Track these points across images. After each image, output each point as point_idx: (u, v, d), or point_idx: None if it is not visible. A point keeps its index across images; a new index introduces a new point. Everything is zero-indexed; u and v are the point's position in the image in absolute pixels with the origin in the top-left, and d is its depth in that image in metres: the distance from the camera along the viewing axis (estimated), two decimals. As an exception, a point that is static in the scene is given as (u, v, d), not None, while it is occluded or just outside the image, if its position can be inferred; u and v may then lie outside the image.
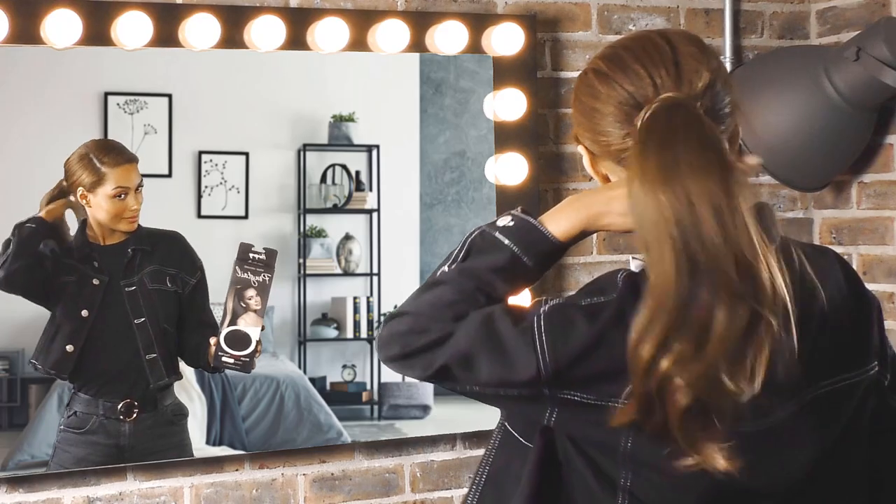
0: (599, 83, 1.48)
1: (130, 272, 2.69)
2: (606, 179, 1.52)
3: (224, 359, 2.67)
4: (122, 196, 2.67)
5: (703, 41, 1.51)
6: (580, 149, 1.54)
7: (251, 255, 2.67)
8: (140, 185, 2.69)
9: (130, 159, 2.69)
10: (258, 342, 2.68)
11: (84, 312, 2.65)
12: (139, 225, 2.71)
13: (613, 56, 1.49)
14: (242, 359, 2.67)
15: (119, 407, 2.66)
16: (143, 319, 2.68)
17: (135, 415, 2.67)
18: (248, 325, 2.67)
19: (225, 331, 2.67)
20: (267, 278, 2.67)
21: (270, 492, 2.82)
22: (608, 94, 1.46)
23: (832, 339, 1.47)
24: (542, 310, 1.41)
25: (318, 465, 2.86)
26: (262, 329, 2.70)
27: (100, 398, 2.65)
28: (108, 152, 2.68)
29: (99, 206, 2.66)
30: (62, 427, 2.65)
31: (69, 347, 2.64)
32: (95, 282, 2.66)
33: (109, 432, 2.66)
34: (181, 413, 2.75)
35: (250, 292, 2.67)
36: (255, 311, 2.67)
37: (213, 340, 2.67)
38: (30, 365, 2.66)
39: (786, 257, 1.45)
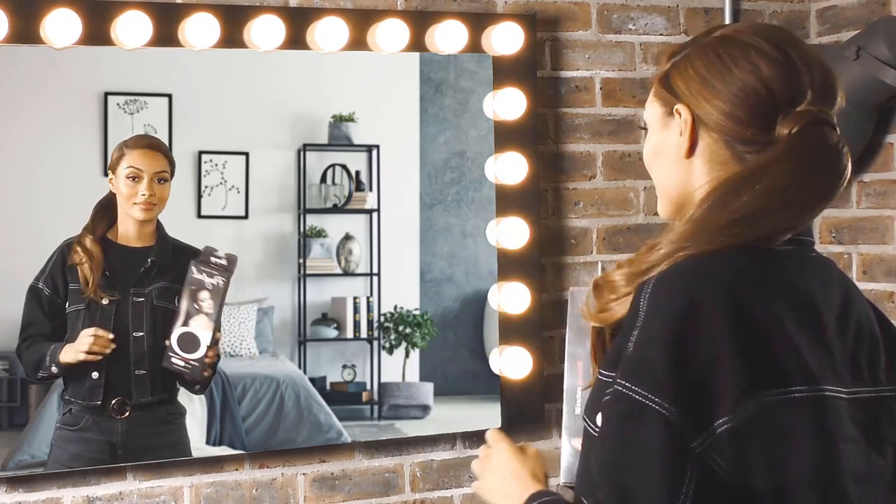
0: (761, 60, 1.45)
1: (143, 283, 2.69)
2: (691, 151, 1.49)
3: (173, 360, 2.64)
4: (136, 179, 2.66)
5: None
6: (682, 109, 1.49)
7: (212, 258, 2.64)
8: (162, 178, 2.69)
9: (151, 145, 2.70)
10: (211, 347, 2.64)
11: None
12: (169, 236, 2.71)
13: (779, 42, 1.47)
14: (192, 362, 2.63)
15: (112, 404, 2.65)
16: (141, 334, 2.67)
17: (127, 412, 2.66)
18: (199, 327, 2.63)
19: (176, 332, 2.64)
20: (221, 282, 2.63)
21: (270, 491, 2.81)
22: (768, 75, 1.45)
23: (868, 347, 1.48)
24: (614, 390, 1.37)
25: (318, 465, 2.86)
26: (218, 336, 2.65)
27: (90, 400, 2.65)
28: (135, 137, 2.70)
29: (119, 189, 2.67)
30: (58, 424, 2.65)
31: (94, 374, 2.64)
32: (105, 301, 2.65)
33: (103, 429, 2.65)
34: (178, 412, 2.74)
35: (203, 294, 2.63)
36: (206, 314, 2.63)
37: (167, 342, 2.66)
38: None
39: (822, 259, 1.49)
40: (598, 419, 1.41)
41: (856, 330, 1.47)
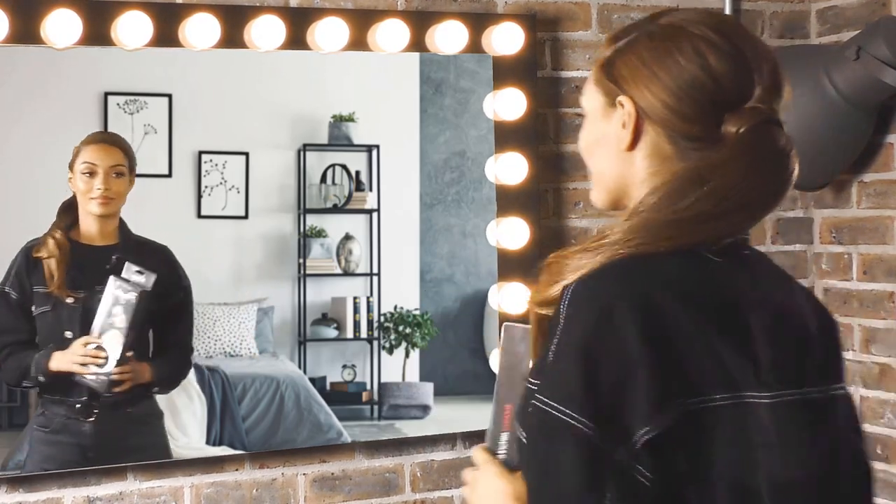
0: (710, 53, 1.40)
1: (105, 281, 2.66)
2: (634, 144, 1.44)
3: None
4: (91, 174, 2.64)
5: None
6: (625, 101, 1.43)
7: (133, 274, 2.61)
8: (118, 172, 2.65)
9: (105, 140, 2.67)
10: (121, 364, 2.60)
11: (68, 334, 2.62)
12: (133, 233, 2.69)
13: (729, 33, 1.42)
14: (101, 377, 2.60)
15: (77, 406, 2.63)
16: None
17: (95, 415, 2.64)
18: (111, 341, 2.60)
19: (91, 345, 2.62)
20: (134, 298, 2.60)
21: (270, 491, 2.81)
22: (717, 69, 1.39)
23: (798, 347, 1.43)
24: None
25: (318, 465, 2.86)
26: (129, 355, 2.61)
27: (63, 398, 2.63)
28: (92, 133, 2.68)
29: (77, 186, 2.65)
30: (34, 426, 2.63)
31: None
32: (70, 300, 2.63)
33: (72, 432, 2.63)
34: (152, 414, 2.72)
35: (117, 309, 2.60)
36: (118, 328, 2.60)
37: None
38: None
39: (758, 258, 1.46)
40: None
41: (790, 329, 1.42)
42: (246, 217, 2.90)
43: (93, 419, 2.63)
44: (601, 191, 1.51)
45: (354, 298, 3.01)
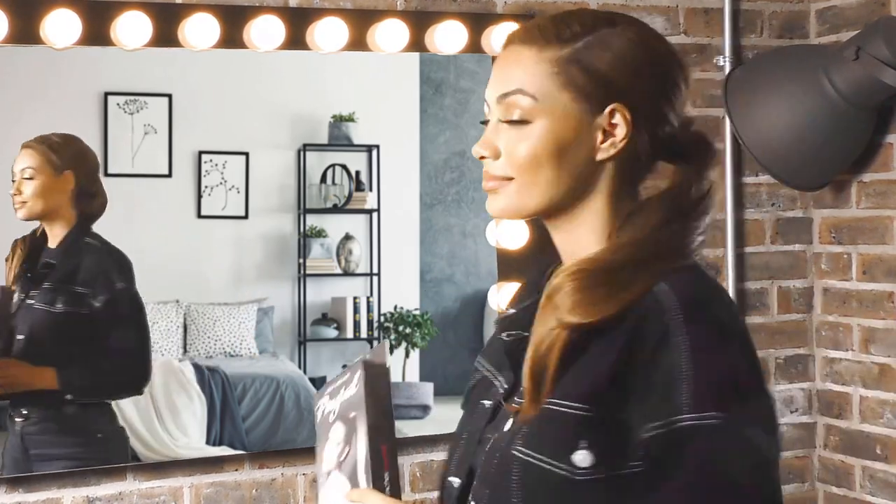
0: (680, 57, 1.40)
1: (38, 284, 2.64)
2: (619, 154, 1.35)
3: None
4: (14, 182, 2.62)
5: None
6: (620, 109, 1.33)
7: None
8: (27, 175, 2.61)
9: (24, 145, 2.63)
10: None
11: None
12: (87, 237, 2.66)
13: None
14: None
15: (10, 407, 2.62)
16: (21, 336, 2.62)
17: (23, 417, 2.61)
18: None
19: None
20: None
21: (270, 492, 2.82)
22: (687, 71, 1.40)
23: None
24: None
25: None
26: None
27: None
28: None
29: None
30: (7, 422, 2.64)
31: None
32: (15, 298, 2.61)
33: (12, 431, 2.62)
34: (91, 429, 2.67)
35: None
36: None
37: None
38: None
39: None
40: (581, 459, 1.28)
41: None
42: (246, 217, 2.90)
43: (20, 421, 2.61)
44: (541, 199, 1.34)
45: (354, 298, 3.02)
